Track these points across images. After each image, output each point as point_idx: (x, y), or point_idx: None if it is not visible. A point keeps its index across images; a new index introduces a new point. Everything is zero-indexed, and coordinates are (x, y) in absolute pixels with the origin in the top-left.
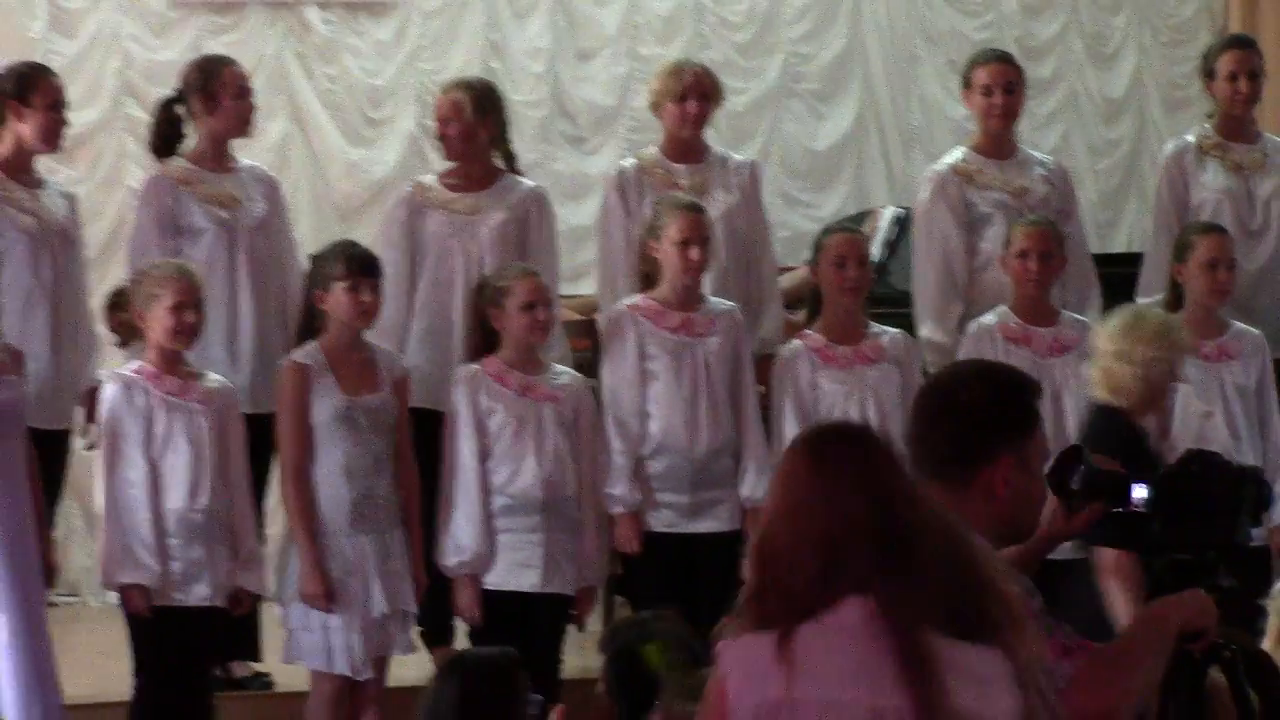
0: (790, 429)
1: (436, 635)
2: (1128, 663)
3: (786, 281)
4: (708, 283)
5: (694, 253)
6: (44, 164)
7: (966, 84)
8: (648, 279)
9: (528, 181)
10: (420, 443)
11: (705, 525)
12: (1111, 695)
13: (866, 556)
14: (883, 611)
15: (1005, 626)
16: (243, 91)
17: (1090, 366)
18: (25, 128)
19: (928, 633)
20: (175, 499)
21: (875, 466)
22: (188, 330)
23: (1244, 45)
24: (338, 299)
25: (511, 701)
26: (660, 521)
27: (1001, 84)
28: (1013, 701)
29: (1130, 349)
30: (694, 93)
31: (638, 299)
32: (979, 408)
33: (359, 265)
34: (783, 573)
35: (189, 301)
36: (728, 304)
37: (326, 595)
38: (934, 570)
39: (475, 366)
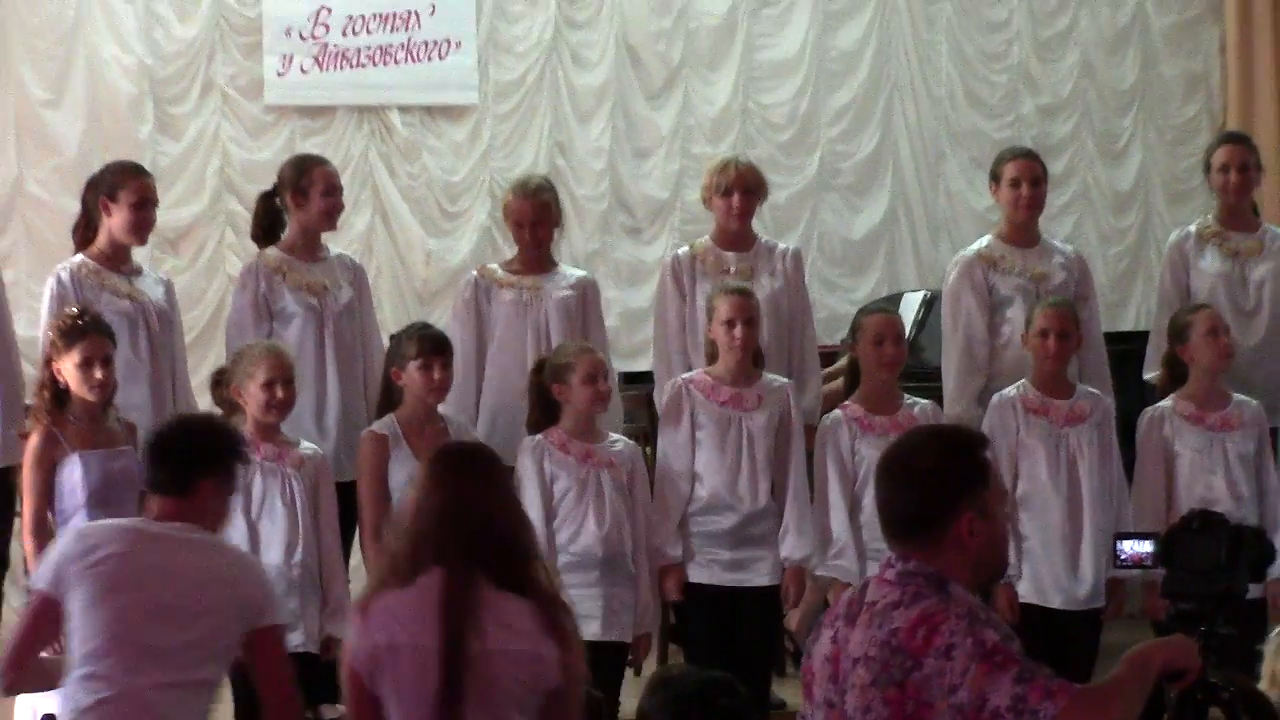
0: (834, 492)
1: None
2: (1113, 698)
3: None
4: None
5: (739, 331)
6: (151, 254)
7: (995, 178)
8: (712, 357)
9: (578, 270)
10: None
11: (747, 580)
12: None
13: (447, 537)
14: (449, 576)
15: (546, 591)
16: (331, 189)
17: None
18: (114, 222)
19: (482, 590)
20: (273, 556)
21: (463, 472)
22: (280, 404)
23: (1237, 141)
24: (412, 376)
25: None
26: (705, 575)
27: (1029, 178)
28: (533, 642)
29: None
30: (739, 187)
31: (695, 374)
32: (935, 471)
33: (431, 345)
34: (394, 549)
35: (280, 378)
36: (781, 380)
37: None
38: (497, 547)
39: (539, 437)
